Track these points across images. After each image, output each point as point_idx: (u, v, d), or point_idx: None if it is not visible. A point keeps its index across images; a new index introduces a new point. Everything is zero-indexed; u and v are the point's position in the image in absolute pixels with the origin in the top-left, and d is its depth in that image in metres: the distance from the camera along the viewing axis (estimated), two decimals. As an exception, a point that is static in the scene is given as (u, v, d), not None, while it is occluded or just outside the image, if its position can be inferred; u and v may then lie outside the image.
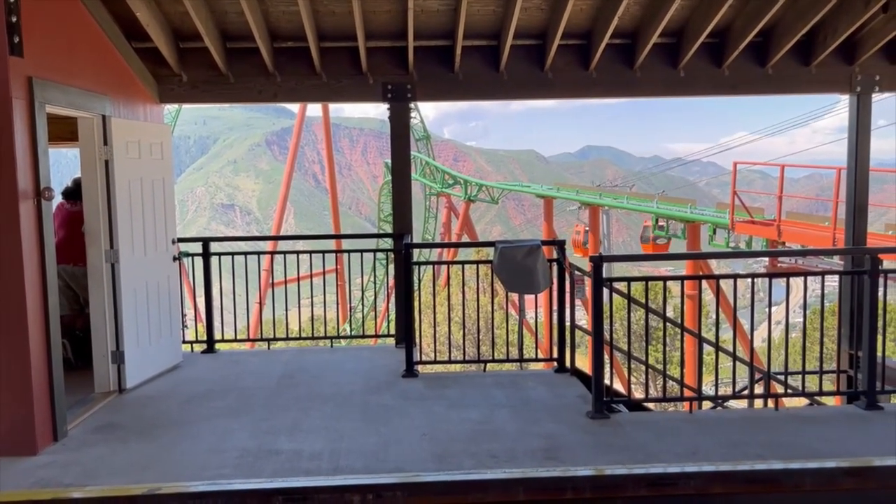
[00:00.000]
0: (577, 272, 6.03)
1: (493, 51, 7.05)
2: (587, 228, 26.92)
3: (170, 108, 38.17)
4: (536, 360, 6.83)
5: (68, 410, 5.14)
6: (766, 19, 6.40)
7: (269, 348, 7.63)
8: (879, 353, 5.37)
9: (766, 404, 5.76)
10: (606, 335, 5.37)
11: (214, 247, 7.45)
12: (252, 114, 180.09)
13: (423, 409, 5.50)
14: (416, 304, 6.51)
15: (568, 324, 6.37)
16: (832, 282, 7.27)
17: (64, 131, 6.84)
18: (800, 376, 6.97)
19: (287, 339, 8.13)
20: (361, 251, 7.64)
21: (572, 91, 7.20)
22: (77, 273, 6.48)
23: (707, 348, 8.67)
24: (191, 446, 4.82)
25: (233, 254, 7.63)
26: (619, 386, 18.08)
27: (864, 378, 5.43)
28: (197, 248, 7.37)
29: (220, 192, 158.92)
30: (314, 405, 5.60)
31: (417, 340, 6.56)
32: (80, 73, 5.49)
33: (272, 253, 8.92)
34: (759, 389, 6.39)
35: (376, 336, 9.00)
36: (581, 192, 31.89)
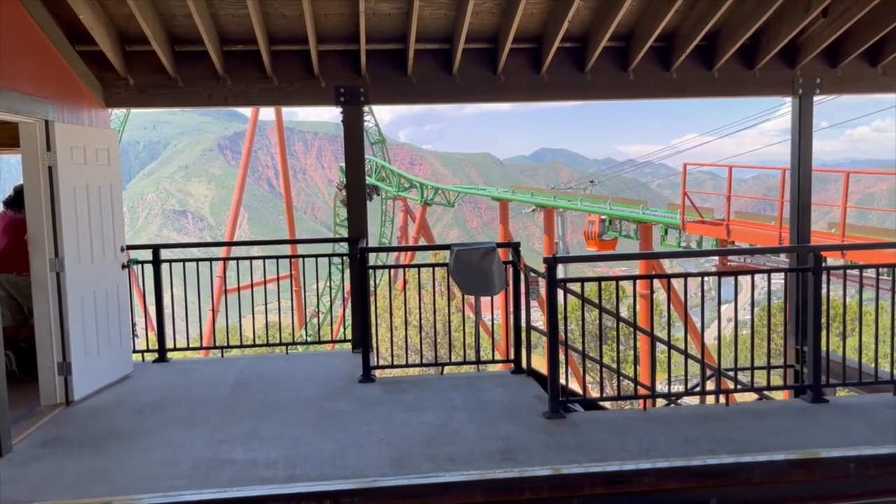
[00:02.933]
0: (532, 273, 6.08)
1: (446, 54, 7.07)
2: (603, 218, 25.32)
3: (118, 112, 37.29)
4: (494, 361, 6.87)
5: (13, 424, 4.98)
6: (711, 24, 6.55)
7: (223, 356, 7.50)
8: (824, 348, 5.53)
9: (717, 400, 5.88)
10: (562, 335, 5.42)
11: (166, 254, 7.30)
12: (204, 118, 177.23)
13: (381, 413, 5.48)
14: (373, 308, 6.47)
15: (524, 325, 6.41)
16: (781, 279, 7.46)
17: (5, 137, 6.64)
18: (751, 372, 7.13)
19: (241, 346, 8.01)
20: (316, 256, 7.57)
21: (525, 94, 7.26)
22: (20, 283, 6.28)
23: (661, 346, 8.83)
24: (142, 458, 4.71)
25: (184, 260, 7.49)
26: (575, 385, 18.28)
27: (809, 372, 5.59)
28: (147, 255, 7.22)
29: (172, 197, 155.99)
30: (270, 412, 5.53)
31: (375, 345, 6.53)
32: (20, 77, 5.33)
33: (225, 259, 8.82)
34: (711, 386, 6.52)
35: (333, 342, 8.92)
36: (536, 195, 32.15)
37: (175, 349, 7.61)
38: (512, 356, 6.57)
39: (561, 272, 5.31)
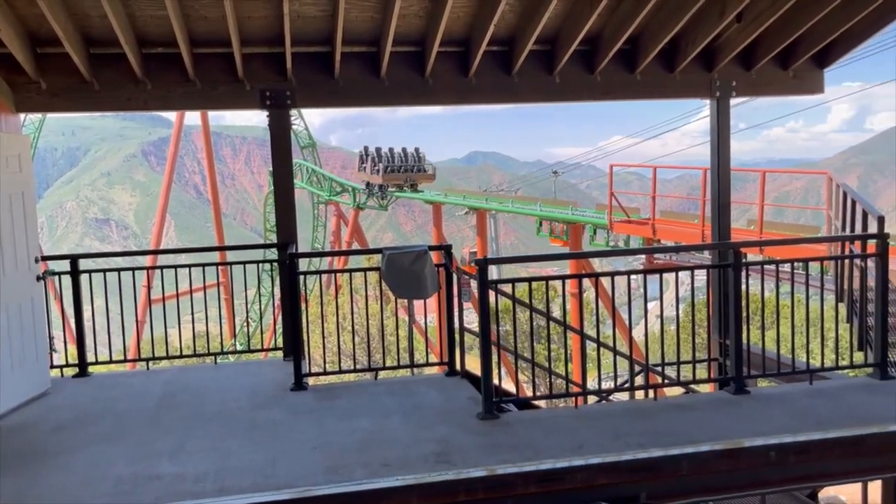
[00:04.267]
0: (464, 276, 6.10)
1: (374, 57, 7.03)
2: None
3: (32, 118, 35.69)
4: (428, 364, 6.85)
5: (-82, 449, 4.69)
6: (633, 28, 6.72)
7: (148, 368, 7.25)
8: (747, 342, 5.73)
9: (646, 395, 6.02)
10: (495, 336, 5.45)
11: (88, 264, 7.01)
12: (126, 123, 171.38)
13: (313, 421, 5.39)
14: (306, 314, 6.37)
15: (457, 327, 6.42)
16: (705, 276, 7.70)
17: None
18: (679, 366, 7.34)
19: (168, 357, 7.76)
20: (244, 263, 7.40)
21: (453, 97, 7.29)
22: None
23: (593, 344, 9.00)
24: (61, 478, 4.50)
25: (106, 270, 7.21)
26: (511, 386, 18.44)
27: (732, 365, 5.78)
28: (65, 265, 6.91)
29: (94, 206, 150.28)
30: (198, 425, 5.37)
31: (308, 352, 6.43)
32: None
33: (150, 268, 8.48)
34: (641, 381, 6.67)
35: (264, 350, 8.75)
36: (468, 197, 32.35)
37: (98, 363, 7.30)
38: (446, 359, 6.57)
39: (494, 273, 5.34)
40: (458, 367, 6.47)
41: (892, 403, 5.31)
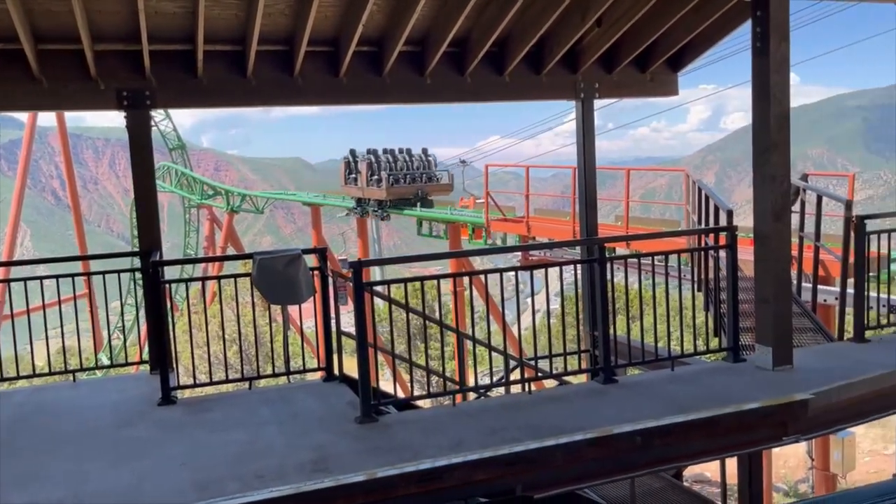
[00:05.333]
0: (340, 278, 6.02)
1: (240, 56, 6.80)
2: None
3: None
4: (304, 371, 6.70)
5: None
6: (499, 31, 6.87)
7: (-3, 390, 6.68)
8: (620, 332, 5.97)
9: (523, 389, 6.15)
10: (374, 338, 5.40)
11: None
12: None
13: (183, 436, 5.15)
14: (180, 324, 6.06)
15: (334, 331, 6.32)
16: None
17: None
18: (556, 359, 7.57)
19: (18, 377, 7.16)
20: (103, 273, 6.95)
21: (324, 97, 7.19)
22: None
23: (484, 342, 9.14)
24: None
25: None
26: (398, 388, 18.41)
27: (601, 355, 6.02)
28: None
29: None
30: (53, 448, 5.00)
31: (184, 363, 6.13)
32: None
33: (5, 281, 7.82)
34: (526, 376, 6.82)
35: (134, 364, 8.29)
36: (347, 199, 32.02)
37: (-63, 388, 6.65)
38: (324, 364, 6.45)
39: (378, 275, 5.29)
40: (336, 371, 6.37)
41: (744, 384, 5.70)
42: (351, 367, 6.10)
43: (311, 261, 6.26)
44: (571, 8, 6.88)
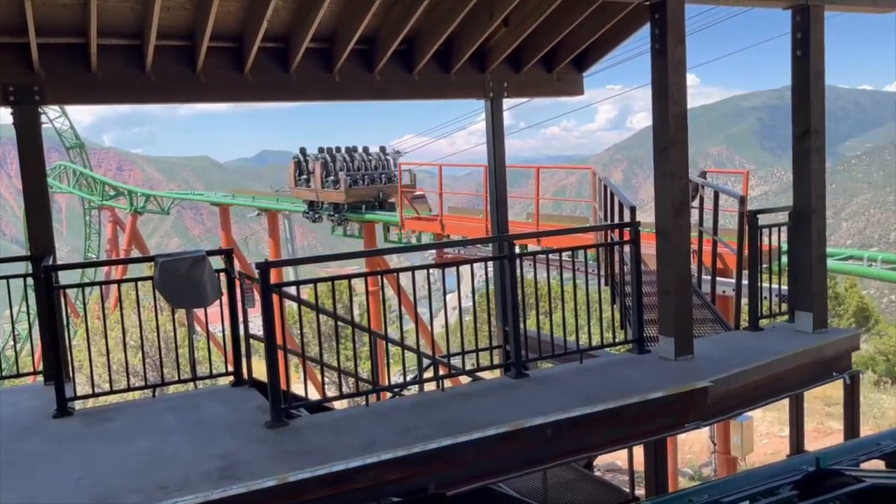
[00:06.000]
0: (247, 280, 5.86)
1: (139, 50, 6.53)
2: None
3: None
4: (212, 376, 6.50)
5: None
6: (407, 29, 6.86)
7: None
8: (532, 327, 6.05)
9: (438, 387, 6.16)
10: (295, 340, 5.29)
11: None
12: None
13: (80, 449, 4.89)
14: (82, 331, 5.75)
15: (242, 334, 6.15)
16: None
17: None
18: (470, 356, 7.61)
19: None
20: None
21: (227, 94, 6.99)
22: None
23: (396, 340, 9.09)
24: None
25: None
26: (312, 390, 18.14)
27: (513, 350, 6.10)
28: None
29: None
30: (-64, 469, 4.65)
31: (85, 372, 5.83)
32: None
33: None
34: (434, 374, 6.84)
35: (24, 374, 7.84)
36: (258, 198, 31.34)
37: None
38: (233, 368, 6.28)
39: (291, 275, 5.17)
40: (245, 375, 6.21)
41: (648, 374, 5.90)
42: (261, 371, 5.97)
43: (219, 262, 6.09)
44: (479, 7, 6.94)
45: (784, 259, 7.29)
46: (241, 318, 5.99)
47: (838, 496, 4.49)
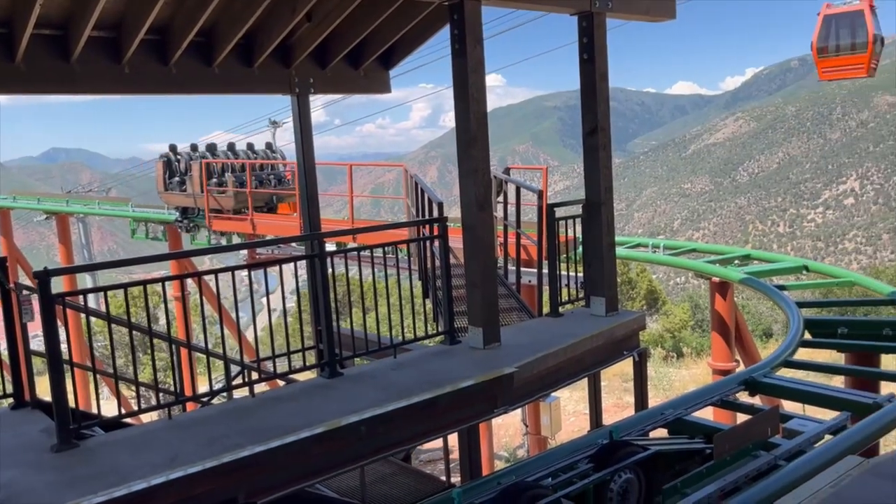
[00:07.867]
0: (24, 291, 5.28)
1: None
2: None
3: None
4: (-11, 399, 5.80)
5: None
6: (203, 20, 6.52)
7: None
8: (352, 326, 5.97)
9: (251, 393, 5.91)
10: (69, 355, 4.83)
11: None
12: None
13: None
14: None
15: (21, 352, 5.54)
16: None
17: None
18: (278, 359, 7.40)
19: None
20: None
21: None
22: None
23: (201, 347, 8.61)
24: None
25: None
26: (106, 406, 16.80)
27: (325, 349, 6.02)
28: None
29: None
30: None
31: None
32: None
33: None
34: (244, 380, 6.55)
35: None
36: (44, 200, 28.42)
37: None
38: (11, 390, 5.64)
39: (89, 283, 4.71)
40: (27, 397, 5.61)
41: (459, 364, 6.07)
42: (45, 391, 5.42)
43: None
44: (281, 0, 6.76)
45: (581, 249, 7.82)
46: (18, 334, 5.39)
47: (627, 465, 4.92)
